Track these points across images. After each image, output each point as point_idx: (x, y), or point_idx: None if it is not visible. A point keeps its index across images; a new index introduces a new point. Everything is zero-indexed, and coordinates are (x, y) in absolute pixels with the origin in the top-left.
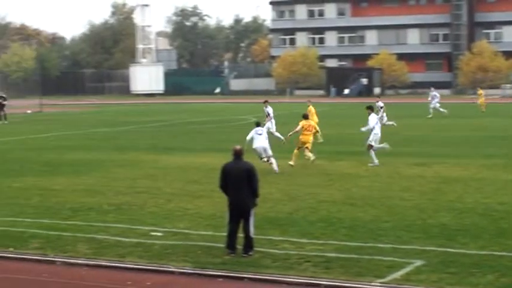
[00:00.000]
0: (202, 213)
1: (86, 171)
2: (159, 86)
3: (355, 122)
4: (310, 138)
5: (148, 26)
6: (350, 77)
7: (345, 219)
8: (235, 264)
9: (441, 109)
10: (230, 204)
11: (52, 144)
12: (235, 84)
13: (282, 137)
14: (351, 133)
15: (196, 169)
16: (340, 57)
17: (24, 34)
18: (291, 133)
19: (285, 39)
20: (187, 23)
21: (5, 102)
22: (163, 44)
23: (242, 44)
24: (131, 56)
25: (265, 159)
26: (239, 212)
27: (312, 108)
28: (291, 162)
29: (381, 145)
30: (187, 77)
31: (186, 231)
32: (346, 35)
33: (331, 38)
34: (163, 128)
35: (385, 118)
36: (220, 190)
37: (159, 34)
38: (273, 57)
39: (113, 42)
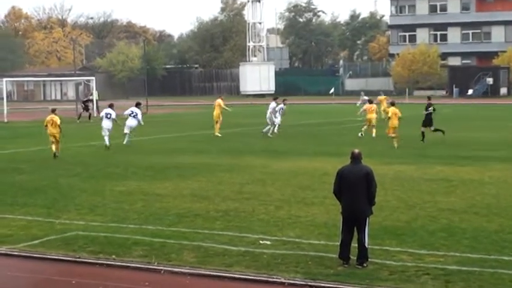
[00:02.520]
0: (314, 221)
1: (191, 175)
2: (269, 86)
3: (479, 124)
4: (374, 116)
5: (260, 23)
6: (474, 76)
7: (467, 229)
8: (348, 275)
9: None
10: (344, 211)
11: (157, 147)
12: (351, 84)
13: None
14: (475, 136)
15: (308, 174)
16: (463, 55)
17: (131, 32)
18: (359, 112)
19: (404, 36)
20: (301, 19)
21: (90, 105)
22: (275, 41)
23: (358, 42)
24: (241, 55)
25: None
26: (354, 220)
27: (220, 102)
28: (373, 135)
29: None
30: (299, 77)
31: (297, 240)
32: (470, 32)
33: (454, 35)
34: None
35: (278, 118)
36: (334, 196)
37: (271, 31)
38: (392, 55)
39: (222, 40)
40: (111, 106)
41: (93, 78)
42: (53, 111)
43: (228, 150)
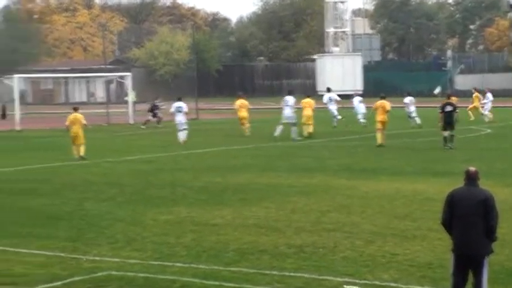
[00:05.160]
0: (415, 261)
1: (256, 200)
2: (356, 84)
3: None
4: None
5: (342, 3)
6: None
7: None
8: None
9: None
10: (456, 248)
11: (212, 163)
12: (462, 81)
13: None
14: None
15: (406, 199)
16: None
17: (176, 15)
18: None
19: None
20: None
21: (157, 111)
22: (363, 27)
23: (472, 26)
24: (318, 44)
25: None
26: (468, 260)
27: (243, 102)
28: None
29: None
30: (394, 72)
31: (393, 284)
32: None
33: None
34: (361, 143)
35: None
36: (442, 228)
37: (357, 13)
38: None
39: (294, 25)
40: (179, 99)
41: (129, 74)
42: (76, 109)
43: (302, 167)
